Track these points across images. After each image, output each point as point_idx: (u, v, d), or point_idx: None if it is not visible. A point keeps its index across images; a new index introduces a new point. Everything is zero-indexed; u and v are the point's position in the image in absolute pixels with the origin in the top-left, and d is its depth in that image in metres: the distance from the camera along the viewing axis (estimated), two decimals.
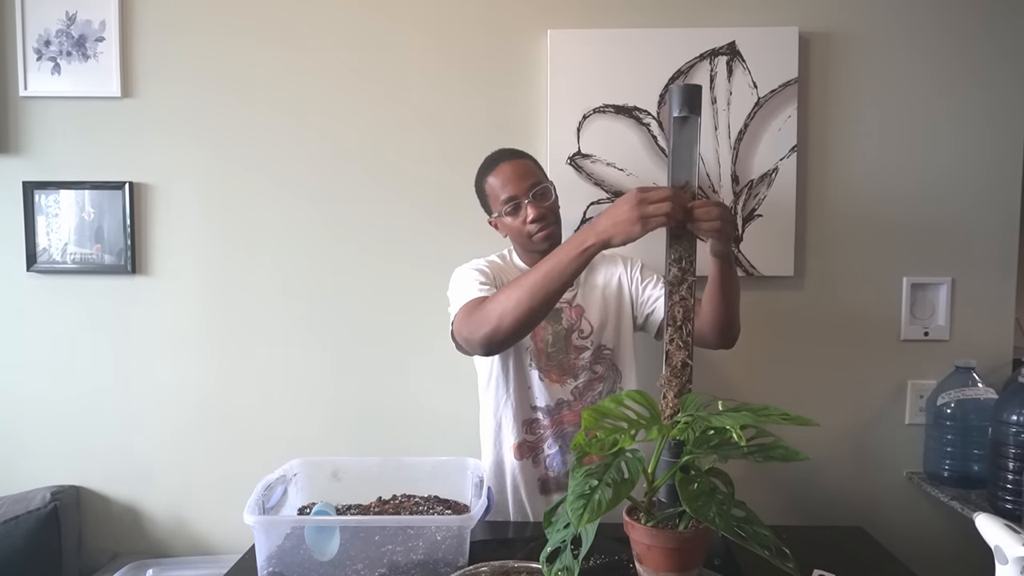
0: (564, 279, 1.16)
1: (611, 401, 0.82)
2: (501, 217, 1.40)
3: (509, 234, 1.44)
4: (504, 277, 1.43)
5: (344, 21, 1.73)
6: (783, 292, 1.74)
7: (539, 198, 1.38)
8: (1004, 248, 1.72)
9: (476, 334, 1.23)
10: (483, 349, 1.26)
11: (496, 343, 1.23)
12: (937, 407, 1.63)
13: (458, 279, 1.40)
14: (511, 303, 1.18)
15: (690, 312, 0.95)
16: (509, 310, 1.18)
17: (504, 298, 1.19)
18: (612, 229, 1.09)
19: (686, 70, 1.69)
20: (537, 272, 1.16)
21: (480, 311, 1.24)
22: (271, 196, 1.76)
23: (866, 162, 1.72)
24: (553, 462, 1.42)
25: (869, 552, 1.24)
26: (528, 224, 1.37)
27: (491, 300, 1.23)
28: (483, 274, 1.38)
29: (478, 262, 1.44)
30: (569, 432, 1.42)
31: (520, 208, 1.38)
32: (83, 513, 1.80)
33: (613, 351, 1.45)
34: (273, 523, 1.12)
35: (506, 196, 1.38)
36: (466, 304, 1.30)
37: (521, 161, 1.42)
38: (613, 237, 1.09)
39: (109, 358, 1.79)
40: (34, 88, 1.75)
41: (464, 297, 1.33)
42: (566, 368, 1.42)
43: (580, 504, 0.76)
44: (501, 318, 1.19)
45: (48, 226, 1.77)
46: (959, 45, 1.69)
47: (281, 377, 1.79)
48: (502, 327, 1.19)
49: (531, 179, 1.38)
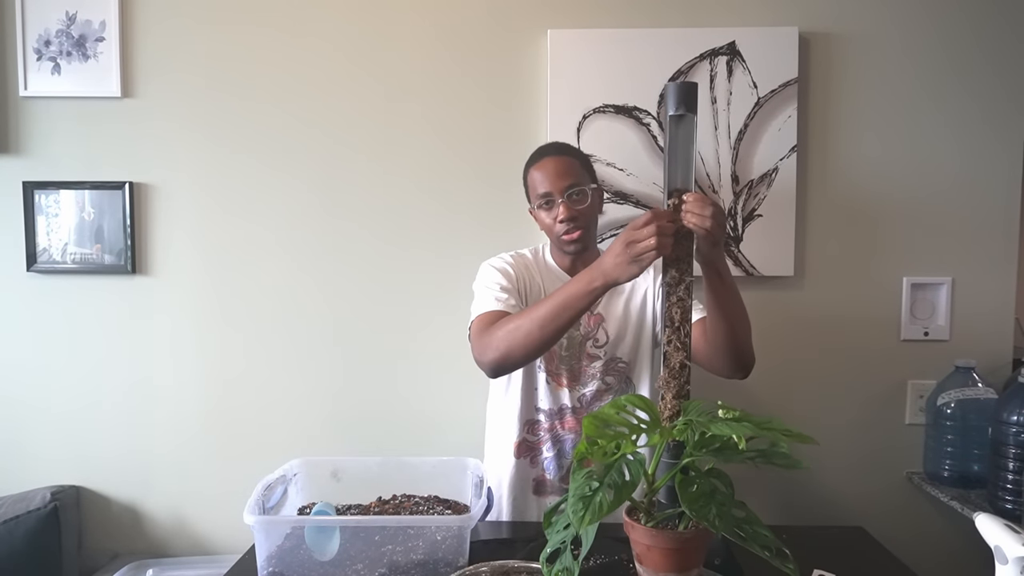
0: (574, 314, 1.18)
1: (611, 407, 0.82)
2: (537, 210, 1.41)
3: (543, 228, 1.44)
4: (530, 276, 1.43)
5: (345, 22, 1.73)
6: (783, 292, 1.74)
7: (574, 200, 1.37)
8: (1004, 248, 1.72)
9: (483, 358, 1.26)
10: (489, 373, 1.29)
11: (502, 371, 1.28)
12: (937, 407, 1.63)
13: (481, 278, 1.41)
14: (521, 334, 1.19)
15: (688, 313, 0.94)
16: (518, 341, 1.20)
17: (514, 327, 1.21)
18: (614, 270, 1.11)
19: (686, 70, 1.69)
20: (547, 305, 1.18)
21: (490, 335, 1.24)
22: (271, 196, 1.76)
23: (866, 162, 1.72)
24: (550, 465, 1.42)
25: (869, 552, 1.24)
26: (558, 223, 1.36)
27: (502, 327, 1.23)
28: (506, 275, 1.38)
29: (506, 257, 1.44)
30: (566, 439, 1.42)
31: (553, 205, 1.37)
32: (83, 513, 1.80)
33: (628, 364, 1.43)
34: (273, 523, 1.12)
35: (543, 191, 1.37)
36: (480, 318, 1.31)
37: (565, 159, 1.40)
38: (618, 277, 1.11)
39: (109, 358, 1.79)
40: (34, 88, 1.75)
41: (480, 305, 1.34)
42: (575, 374, 1.41)
43: (581, 506, 0.76)
44: (510, 349, 1.21)
45: (48, 226, 1.77)
46: (959, 45, 1.69)
47: (281, 377, 1.79)
48: (510, 358, 1.23)
49: (570, 179, 1.37)
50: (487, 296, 1.34)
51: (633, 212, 1.72)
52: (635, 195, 1.71)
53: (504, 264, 1.42)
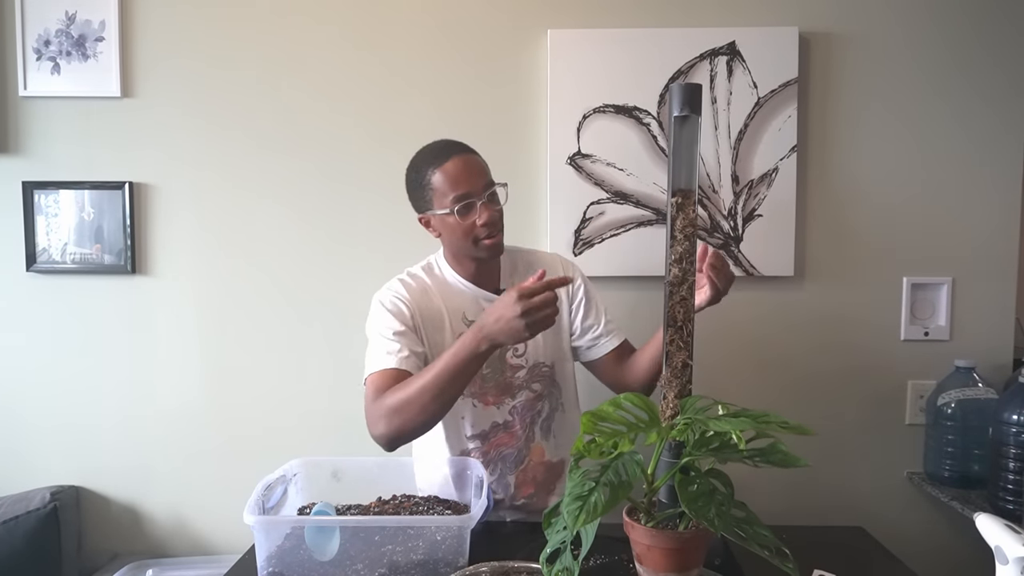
0: (462, 382, 1.15)
1: (609, 405, 0.82)
2: (446, 215, 1.27)
3: (448, 235, 1.31)
4: (427, 303, 1.32)
5: (344, 22, 1.73)
6: (783, 292, 1.74)
7: (493, 199, 1.29)
8: (1004, 248, 1.72)
9: (375, 431, 1.19)
10: (384, 447, 1.21)
11: (398, 445, 1.21)
12: (937, 407, 1.63)
13: (373, 321, 1.31)
14: (415, 408, 1.14)
15: (691, 312, 0.94)
16: (413, 415, 1.15)
17: (407, 401, 1.15)
18: (501, 334, 1.10)
19: (686, 70, 1.69)
20: (438, 375, 1.13)
21: (381, 407, 1.17)
22: (271, 196, 1.76)
23: (866, 162, 1.72)
24: (498, 488, 1.36)
25: (869, 552, 1.24)
26: (479, 227, 1.27)
27: (394, 397, 1.16)
28: (399, 316, 1.28)
29: (398, 290, 1.32)
30: (507, 454, 1.36)
31: (472, 208, 1.26)
32: (83, 513, 1.80)
33: (551, 367, 1.39)
34: (273, 523, 1.11)
35: (459, 193, 1.25)
36: (373, 379, 1.22)
37: (475, 157, 1.30)
38: (505, 341, 1.11)
39: (109, 358, 1.79)
40: (34, 88, 1.75)
41: (373, 361, 1.25)
42: (503, 388, 1.35)
43: (577, 506, 0.76)
44: (405, 424, 1.16)
45: (48, 226, 1.77)
46: (959, 45, 1.69)
47: (281, 376, 1.79)
48: (405, 433, 1.18)
49: (485, 178, 1.29)
50: (379, 349, 1.25)
51: (633, 212, 1.71)
52: (635, 195, 1.71)
53: (396, 301, 1.30)
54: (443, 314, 1.33)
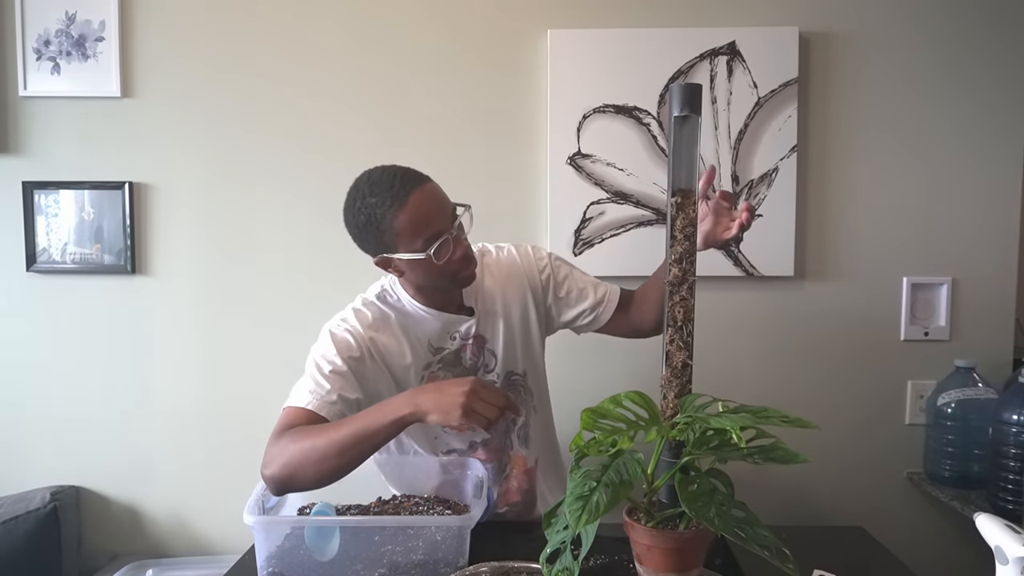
0: (374, 445, 1.06)
1: (609, 402, 0.82)
2: (419, 259, 1.13)
3: (416, 274, 1.19)
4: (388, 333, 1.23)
5: (344, 23, 1.73)
6: (783, 292, 1.74)
7: (460, 229, 1.17)
8: (1004, 248, 1.72)
9: (265, 469, 1.08)
10: (271, 490, 1.11)
11: (285, 492, 1.12)
12: (937, 407, 1.63)
13: (316, 351, 1.21)
14: (315, 457, 1.04)
15: (691, 313, 0.94)
16: (310, 464, 1.05)
17: (310, 448, 1.05)
18: (434, 410, 1.02)
19: (686, 70, 1.69)
20: (349, 431, 1.04)
21: (280, 446, 1.07)
22: (271, 196, 1.76)
23: (866, 162, 1.72)
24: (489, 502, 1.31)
25: (869, 552, 1.24)
26: (454, 263, 1.16)
27: (297, 441, 1.06)
28: (343, 352, 1.17)
29: (350, 326, 1.22)
30: (488, 467, 1.30)
31: (446, 245, 1.14)
32: (83, 513, 1.80)
33: (524, 374, 1.33)
34: (273, 523, 1.11)
35: (431, 234, 1.12)
36: (288, 411, 1.13)
37: (433, 186, 1.16)
38: (432, 417, 1.03)
39: (109, 358, 1.79)
40: (34, 88, 1.74)
41: (296, 394, 1.15)
42: None
43: (578, 506, 0.76)
44: (298, 471, 1.05)
45: (48, 226, 1.76)
46: (959, 45, 1.69)
47: (281, 376, 1.78)
48: (296, 481, 1.07)
49: (449, 206, 1.16)
50: (307, 384, 1.15)
51: (633, 212, 1.71)
52: (635, 195, 1.71)
53: (345, 335, 1.20)
54: (403, 344, 1.24)
